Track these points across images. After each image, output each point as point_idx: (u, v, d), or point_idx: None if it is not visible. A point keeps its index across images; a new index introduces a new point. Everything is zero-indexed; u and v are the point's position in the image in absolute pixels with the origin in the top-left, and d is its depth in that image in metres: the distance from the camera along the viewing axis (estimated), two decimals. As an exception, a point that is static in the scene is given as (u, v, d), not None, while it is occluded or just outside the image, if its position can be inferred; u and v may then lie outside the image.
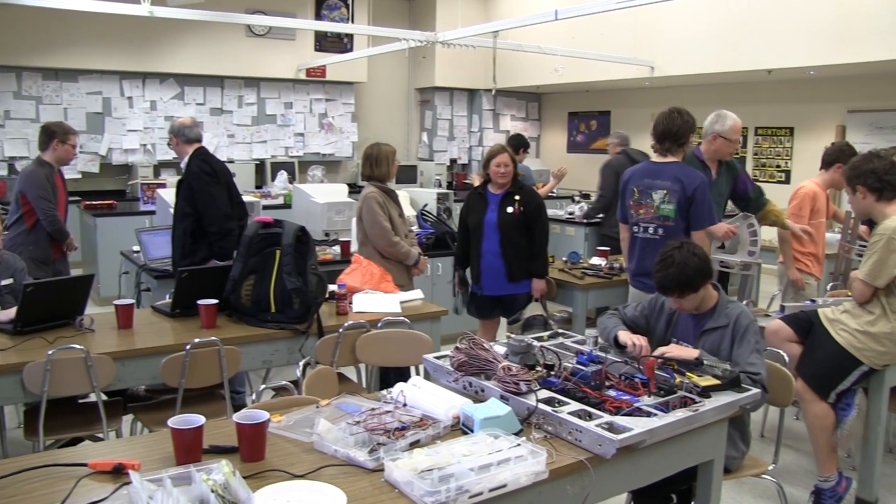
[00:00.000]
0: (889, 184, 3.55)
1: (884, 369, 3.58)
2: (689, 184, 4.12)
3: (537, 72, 11.11)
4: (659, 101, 10.90)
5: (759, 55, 8.48)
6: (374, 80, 11.78)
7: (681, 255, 3.00)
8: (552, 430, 2.32)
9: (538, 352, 2.75)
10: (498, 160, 4.75)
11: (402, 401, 2.48)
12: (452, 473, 1.96)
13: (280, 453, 2.22)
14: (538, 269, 4.86)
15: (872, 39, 7.55)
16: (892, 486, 4.07)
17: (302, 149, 11.01)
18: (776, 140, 10.12)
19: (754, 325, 3.04)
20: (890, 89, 8.91)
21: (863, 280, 3.50)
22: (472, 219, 4.87)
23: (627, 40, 9.77)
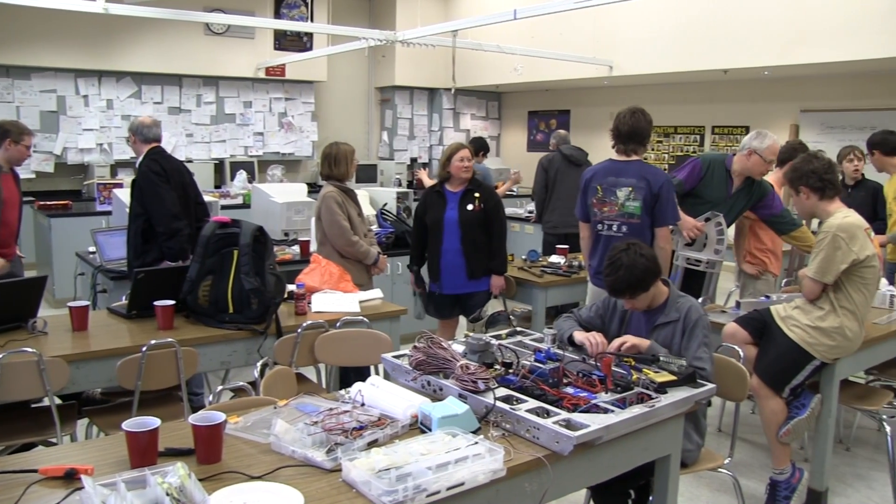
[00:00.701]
0: (829, 183, 3.64)
1: (834, 363, 3.66)
2: (655, 181, 4.15)
3: (497, 71, 11.16)
4: (618, 100, 11.02)
5: (715, 55, 8.61)
6: (334, 79, 11.73)
7: (629, 258, 3.04)
8: (510, 427, 2.33)
9: (496, 350, 2.76)
10: (460, 155, 4.76)
11: (360, 400, 2.47)
12: (410, 472, 1.96)
13: (237, 455, 2.20)
14: (498, 265, 4.89)
15: (824, 42, 7.71)
16: (841, 475, 4.18)
17: (261, 148, 10.93)
18: (732, 139, 10.28)
19: (703, 320, 3.10)
20: (841, 90, 9.10)
21: (812, 278, 3.57)
22: (431, 217, 4.85)
23: (586, 40, 9.85)
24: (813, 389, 3.75)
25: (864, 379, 4.60)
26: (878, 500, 3.95)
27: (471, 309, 4.96)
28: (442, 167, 4.87)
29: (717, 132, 10.43)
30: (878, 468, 4.23)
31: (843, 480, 4.14)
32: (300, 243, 5.71)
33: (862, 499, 3.97)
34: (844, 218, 3.57)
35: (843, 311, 3.58)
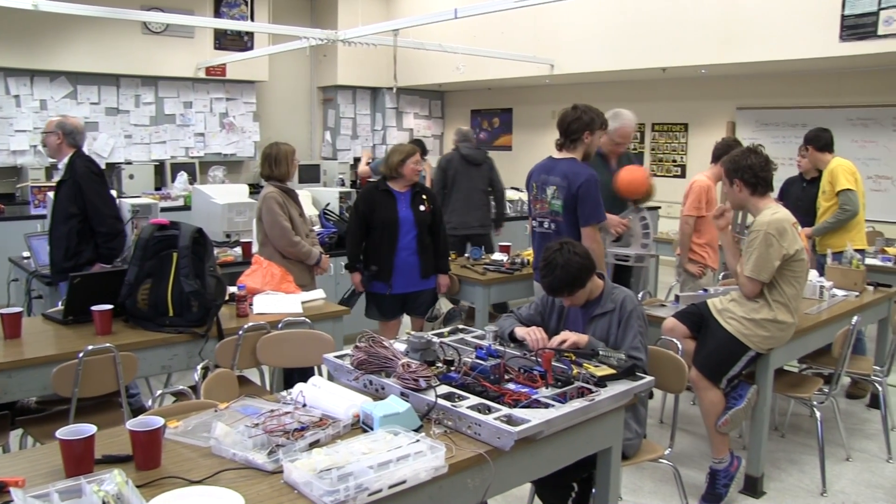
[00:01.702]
0: (763, 180, 3.73)
1: (768, 353, 3.77)
2: (574, 181, 4.15)
3: (439, 70, 11.20)
4: (559, 98, 11.15)
5: (654, 54, 8.77)
6: (276, 78, 11.63)
7: (563, 257, 3.09)
8: (452, 424, 2.35)
9: (438, 348, 2.77)
10: (415, 158, 4.80)
11: (302, 401, 2.46)
12: (351, 472, 1.96)
13: (177, 459, 2.17)
14: (445, 264, 5.00)
15: (757, 41, 7.92)
16: (776, 461, 4.31)
17: (203, 149, 10.78)
18: (672, 136, 10.48)
19: (638, 310, 3.17)
20: (775, 88, 9.35)
21: (749, 276, 3.66)
22: (382, 216, 4.78)
23: (528, 39, 9.94)
24: (749, 380, 3.85)
25: (797, 368, 4.74)
26: (809, 482, 4.08)
27: (417, 308, 4.97)
28: (393, 168, 4.81)
29: (658, 129, 10.63)
30: (810, 452, 4.36)
31: (777, 465, 4.26)
32: (242, 245, 5.66)
33: (794, 482, 4.09)
34: (773, 215, 3.66)
35: (776, 304, 3.68)
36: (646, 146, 10.78)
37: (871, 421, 4.94)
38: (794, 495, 3.95)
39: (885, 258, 6.15)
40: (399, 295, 4.90)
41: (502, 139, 12.66)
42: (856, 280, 4.85)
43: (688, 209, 5.08)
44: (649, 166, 10.76)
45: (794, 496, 3.94)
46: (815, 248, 5.65)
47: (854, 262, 4.96)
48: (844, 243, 5.27)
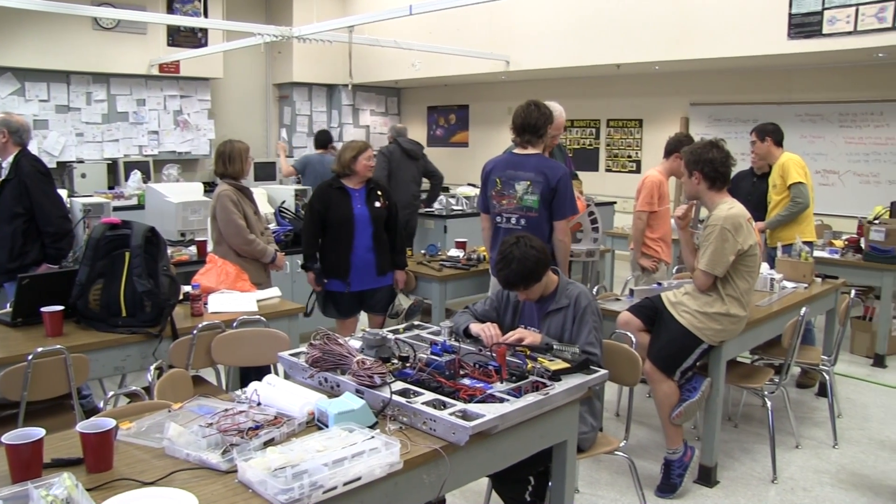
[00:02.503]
0: (722, 175, 3.79)
1: (721, 345, 3.83)
2: (553, 175, 4.21)
3: (395, 66, 11.19)
4: (515, 94, 11.17)
5: (608, 50, 8.86)
6: (231, 75, 11.52)
7: (520, 251, 3.11)
8: (407, 420, 2.35)
9: (393, 344, 2.77)
10: (368, 154, 4.78)
11: (257, 400, 2.45)
12: (306, 470, 1.95)
13: (129, 461, 2.14)
14: (402, 260, 5.00)
15: (709, 38, 8.06)
16: (729, 450, 4.40)
17: (157, 147, 10.64)
18: (627, 131, 10.60)
19: (593, 305, 3.21)
20: (727, 84, 9.51)
21: (704, 270, 3.72)
22: (337, 214, 4.76)
23: (483, 35, 9.98)
24: (703, 372, 3.91)
25: (749, 359, 4.83)
26: (761, 470, 4.17)
27: (374, 305, 4.95)
28: (346, 165, 4.79)
29: (612, 125, 10.74)
30: (762, 441, 4.45)
31: (730, 455, 4.34)
32: (197, 243, 5.59)
33: (747, 470, 4.18)
34: (729, 210, 3.72)
35: (729, 297, 3.74)
36: (601, 142, 10.89)
37: (819, 409, 5.07)
38: (746, 483, 4.03)
39: (832, 251, 6.31)
40: (357, 293, 4.87)
41: (459, 136, 12.69)
42: (805, 272, 4.96)
43: (640, 205, 5.14)
44: (605, 162, 10.88)
45: (746, 484, 4.02)
46: (767, 242, 5.76)
47: (803, 255, 5.07)
48: (794, 236, 5.39)
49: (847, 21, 7.08)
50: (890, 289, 6.00)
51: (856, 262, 6.09)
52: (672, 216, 4.26)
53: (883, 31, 6.91)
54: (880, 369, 6.02)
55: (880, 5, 6.86)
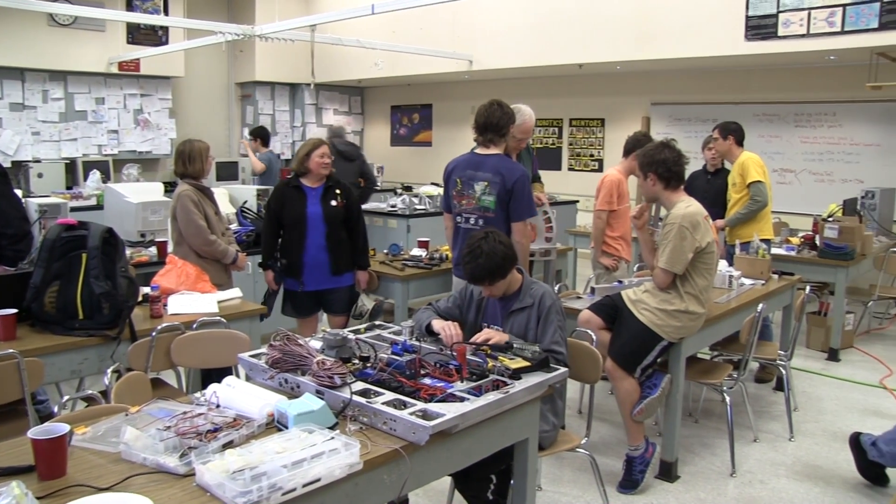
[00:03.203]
0: (676, 174, 3.84)
1: (680, 342, 3.88)
2: (510, 177, 4.22)
3: (359, 66, 11.17)
4: (478, 94, 11.23)
5: (570, 50, 8.93)
6: (192, 74, 11.40)
7: (488, 245, 3.12)
8: (368, 421, 2.35)
9: (354, 344, 2.77)
10: (321, 151, 4.71)
11: (216, 402, 2.43)
12: (265, 472, 1.94)
13: (84, 467, 2.11)
14: (363, 260, 4.93)
15: (669, 39, 8.16)
16: (690, 445, 4.46)
17: (116, 146, 10.50)
18: (589, 130, 10.69)
19: (557, 305, 3.23)
20: (687, 84, 9.64)
21: (663, 268, 3.76)
22: (290, 213, 4.74)
23: (446, 35, 9.99)
24: (663, 369, 3.96)
25: (708, 355, 4.90)
26: (720, 464, 4.24)
27: (332, 306, 4.92)
28: (300, 162, 4.78)
29: (575, 124, 10.82)
30: (721, 436, 4.52)
31: (691, 450, 4.40)
32: (157, 244, 5.53)
33: (707, 465, 4.24)
34: (687, 208, 3.77)
35: (688, 295, 3.79)
36: (563, 141, 10.96)
37: (776, 403, 5.15)
38: (706, 477, 4.09)
39: (789, 248, 6.43)
40: (312, 292, 4.84)
41: (422, 135, 12.70)
42: (762, 269, 5.04)
43: (600, 204, 5.19)
44: (567, 161, 10.96)
45: (706, 478, 4.08)
46: (726, 239, 5.85)
47: (760, 252, 5.16)
48: (752, 234, 5.47)
49: (800, 24, 7.22)
50: (843, 285, 6.13)
51: (811, 259, 6.21)
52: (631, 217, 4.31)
53: (833, 35, 7.07)
54: (834, 363, 6.14)
55: (830, 10, 7.02)
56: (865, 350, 6.49)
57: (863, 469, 4.00)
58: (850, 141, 8.57)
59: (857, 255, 6.17)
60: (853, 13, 6.91)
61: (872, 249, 6.67)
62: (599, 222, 5.20)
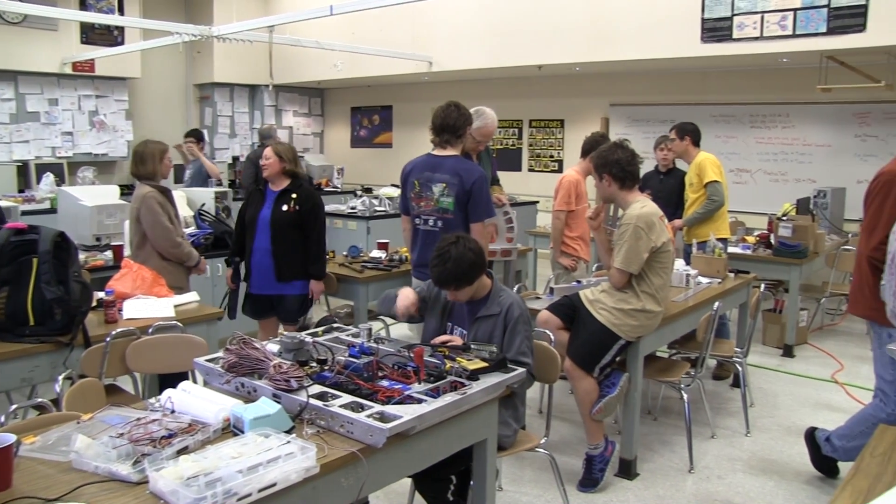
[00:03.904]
0: (631, 174, 3.88)
1: (638, 341, 3.92)
2: (468, 178, 4.22)
3: (318, 67, 11.12)
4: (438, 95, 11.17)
5: (530, 51, 8.97)
6: (149, 75, 11.24)
7: (457, 251, 3.12)
8: (325, 424, 2.34)
9: (311, 347, 2.75)
10: (265, 152, 4.69)
11: (171, 407, 2.40)
12: (220, 477, 1.92)
13: (32, 477, 2.06)
14: (316, 269, 4.76)
15: (627, 41, 8.24)
16: (649, 443, 4.51)
17: (71, 149, 10.31)
18: (549, 131, 10.75)
19: (525, 315, 3.23)
20: (645, 86, 9.74)
21: (619, 268, 3.80)
22: (249, 214, 4.74)
23: (406, 36, 9.99)
24: (622, 368, 4.00)
25: (667, 353, 4.96)
26: (679, 461, 4.29)
27: (283, 312, 4.80)
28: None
29: (535, 125, 10.88)
30: (680, 433, 4.57)
31: (650, 447, 4.45)
32: (113, 248, 5.44)
33: (665, 462, 4.29)
34: (642, 208, 3.81)
35: (644, 294, 3.83)
36: (524, 142, 11.01)
37: (733, 399, 5.23)
38: (665, 474, 4.13)
39: (745, 246, 6.53)
40: (262, 295, 4.74)
41: (382, 136, 12.67)
42: (718, 268, 5.11)
43: (558, 204, 5.22)
44: (527, 162, 11.01)
45: (665, 475, 4.12)
46: (683, 238, 5.92)
47: (717, 251, 5.23)
48: (708, 233, 5.56)
49: (754, 27, 7.35)
50: (797, 282, 6.24)
51: (766, 257, 6.31)
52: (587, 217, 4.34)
53: (786, 38, 7.22)
54: (789, 359, 6.25)
55: (782, 14, 7.17)
56: (819, 346, 6.61)
57: (817, 463, 4.08)
58: (802, 142, 8.74)
59: (811, 253, 6.29)
60: (803, 17, 7.06)
61: (825, 247, 6.81)
62: (558, 223, 5.23)
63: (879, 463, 2.24)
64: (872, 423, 3.19)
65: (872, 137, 8.27)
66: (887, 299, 3.10)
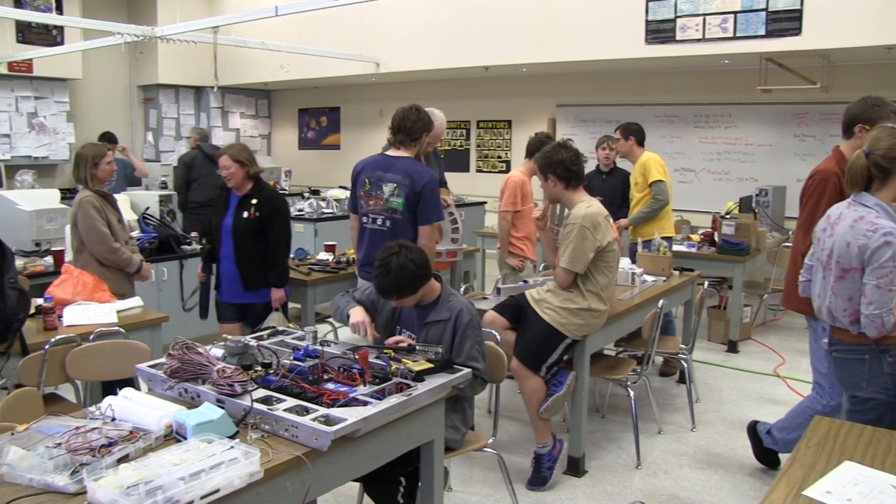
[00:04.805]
0: (575, 174, 3.91)
1: (584, 340, 3.96)
2: (419, 180, 4.21)
3: (264, 68, 11.02)
4: (386, 96, 11.23)
5: (476, 52, 9.02)
6: (91, 76, 11.00)
7: (398, 261, 3.10)
8: (269, 428, 2.32)
9: (256, 351, 2.73)
10: (220, 162, 4.54)
11: (111, 415, 2.35)
12: (161, 485, 1.89)
13: (-39, 493, 2.01)
14: (275, 278, 4.61)
15: (573, 42, 8.33)
16: (597, 440, 4.56)
17: (8, 151, 10.03)
18: (496, 132, 10.81)
19: (475, 321, 3.23)
20: (591, 86, 9.86)
21: (564, 268, 3.83)
22: (215, 221, 4.64)
23: (353, 37, 9.96)
24: (568, 367, 4.03)
25: (614, 351, 5.02)
26: (626, 457, 4.35)
27: (250, 320, 4.71)
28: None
29: (482, 126, 10.93)
30: (627, 429, 4.64)
31: (598, 445, 4.50)
32: (53, 253, 5.32)
33: (613, 458, 4.34)
34: (588, 208, 3.84)
35: (590, 293, 3.87)
36: (471, 143, 11.05)
37: (679, 395, 5.32)
38: (613, 471, 4.18)
39: (689, 244, 6.64)
40: (231, 304, 4.69)
41: (330, 138, 12.61)
42: (663, 266, 5.19)
43: (504, 205, 5.25)
44: (475, 163, 11.06)
45: (613, 471, 4.17)
46: (629, 237, 6.00)
47: (661, 250, 5.32)
48: (653, 232, 5.64)
49: (696, 29, 7.51)
50: (741, 279, 6.38)
51: (710, 255, 6.44)
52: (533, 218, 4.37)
53: (726, 40, 7.40)
54: (734, 354, 6.39)
55: (723, 16, 7.33)
56: (762, 341, 6.77)
57: (759, 455, 4.17)
58: (745, 141, 8.93)
59: (753, 250, 6.44)
60: (743, 20, 7.24)
61: (766, 245, 6.97)
62: (504, 223, 5.26)
63: (814, 453, 2.30)
64: (809, 415, 3.27)
65: (810, 137, 8.50)
66: (814, 297, 3.19)
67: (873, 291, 2.80)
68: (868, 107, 3.59)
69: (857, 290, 2.88)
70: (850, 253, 2.86)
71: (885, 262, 2.77)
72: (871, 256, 2.80)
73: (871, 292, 2.81)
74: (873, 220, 2.84)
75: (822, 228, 3.11)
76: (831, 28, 6.91)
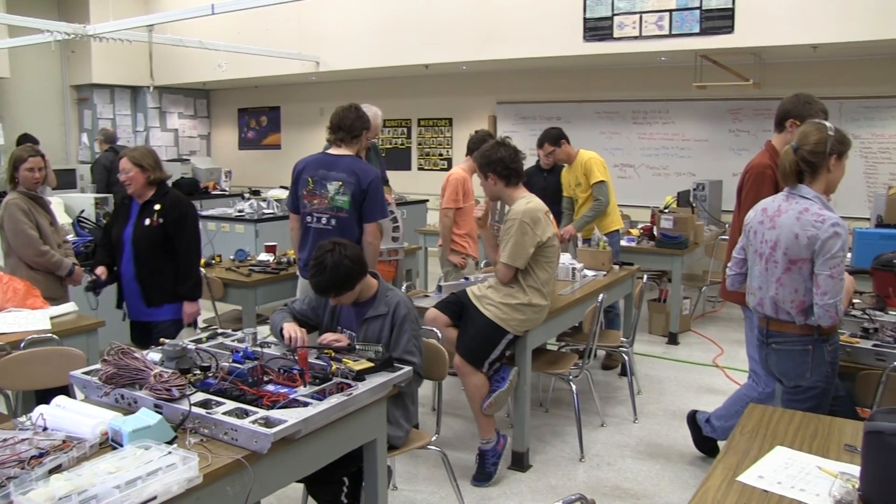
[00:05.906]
0: (515, 171, 3.94)
1: (525, 335, 3.99)
2: (364, 178, 4.20)
3: (203, 68, 10.86)
4: (326, 95, 11.16)
5: (417, 51, 9.02)
6: (20, 75, 10.69)
7: (333, 259, 3.10)
8: (209, 432, 2.29)
9: (194, 354, 2.69)
10: (120, 165, 4.17)
11: (42, 425, 2.30)
12: (95, 494, 1.85)
13: None
14: (186, 290, 4.24)
15: (512, 40, 8.41)
16: (541, 434, 4.60)
17: (-69, 154, 9.69)
18: (437, 130, 10.84)
19: (412, 314, 3.25)
20: (531, 84, 9.94)
21: (505, 263, 3.86)
22: (115, 231, 4.28)
23: (292, 36, 9.88)
24: (511, 362, 4.06)
25: (556, 345, 5.07)
26: (570, 450, 4.40)
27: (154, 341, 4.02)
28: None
29: (423, 124, 10.94)
30: (571, 423, 4.69)
31: (542, 439, 4.55)
32: (-18, 259, 5.16)
33: (557, 452, 4.39)
34: (527, 204, 3.88)
35: (530, 288, 3.90)
36: (413, 141, 11.05)
37: (622, 388, 5.40)
38: (557, 464, 4.23)
39: (629, 239, 6.75)
40: (137, 322, 4.31)
41: (271, 138, 12.48)
42: (603, 261, 5.26)
43: (446, 202, 5.26)
44: (416, 161, 11.06)
45: (557, 465, 4.22)
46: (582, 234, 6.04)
47: (601, 245, 5.38)
48: (592, 228, 5.70)
49: (633, 27, 7.63)
50: (679, 272, 6.51)
51: (650, 249, 6.55)
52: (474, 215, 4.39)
53: (662, 38, 7.54)
54: (674, 346, 6.52)
55: (659, 14, 7.47)
56: (701, 332, 6.91)
57: (698, 444, 4.26)
58: (682, 137, 9.11)
59: (691, 243, 6.57)
60: (678, 18, 7.39)
61: (704, 238, 7.12)
62: (447, 220, 5.27)
63: (748, 440, 2.37)
64: (746, 403, 3.35)
65: (745, 132, 8.71)
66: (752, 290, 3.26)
67: (827, 281, 2.88)
68: (800, 103, 3.72)
69: (803, 281, 2.96)
70: (800, 244, 2.94)
71: (837, 252, 2.86)
72: (822, 247, 2.88)
73: (825, 282, 2.89)
74: (818, 210, 2.92)
75: (758, 221, 3.17)
76: (762, 26, 7.10)
